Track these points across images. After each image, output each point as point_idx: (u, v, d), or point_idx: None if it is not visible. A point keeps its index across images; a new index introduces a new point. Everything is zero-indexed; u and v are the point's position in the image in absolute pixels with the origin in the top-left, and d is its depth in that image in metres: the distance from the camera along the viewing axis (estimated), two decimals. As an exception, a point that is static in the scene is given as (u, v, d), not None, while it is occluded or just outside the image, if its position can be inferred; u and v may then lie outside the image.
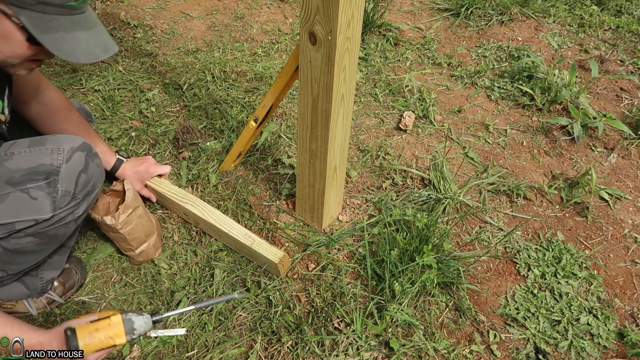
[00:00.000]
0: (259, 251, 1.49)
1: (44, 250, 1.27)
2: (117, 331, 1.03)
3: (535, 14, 3.01)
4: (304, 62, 1.27)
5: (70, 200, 1.16)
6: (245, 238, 1.53)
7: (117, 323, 1.04)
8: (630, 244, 1.77)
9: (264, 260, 1.51)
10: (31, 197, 1.10)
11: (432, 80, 2.51)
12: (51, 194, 1.12)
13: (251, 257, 1.58)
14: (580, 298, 1.56)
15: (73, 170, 1.15)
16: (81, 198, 1.20)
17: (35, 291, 1.39)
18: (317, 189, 1.57)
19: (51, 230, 1.18)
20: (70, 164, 1.15)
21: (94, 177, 1.22)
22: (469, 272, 1.63)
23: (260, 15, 2.93)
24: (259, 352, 1.38)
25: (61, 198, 1.14)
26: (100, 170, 1.25)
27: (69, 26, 0.98)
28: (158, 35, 2.68)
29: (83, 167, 1.18)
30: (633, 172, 2.06)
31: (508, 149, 2.14)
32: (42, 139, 1.16)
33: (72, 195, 1.16)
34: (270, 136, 2.06)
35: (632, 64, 2.66)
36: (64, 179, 1.13)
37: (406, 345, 1.40)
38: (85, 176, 1.18)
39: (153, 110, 2.18)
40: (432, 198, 1.83)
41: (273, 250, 1.50)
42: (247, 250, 1.55)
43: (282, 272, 1.54)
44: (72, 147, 1.16)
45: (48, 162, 1.12)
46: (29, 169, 1.10)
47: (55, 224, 1.17)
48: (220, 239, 1.64)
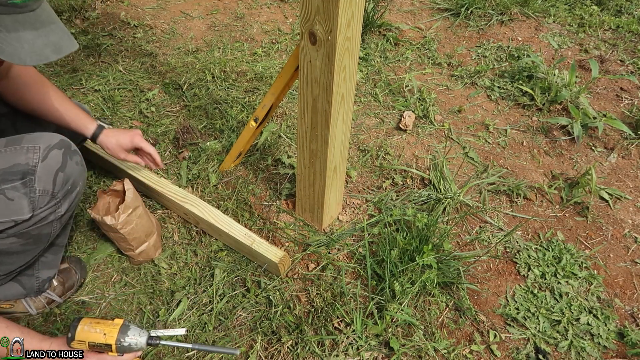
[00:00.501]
0: (259, 251, 1.50)
1: (30, 250, 1.24)
2: (112, 331, 1.05)
3: (536, 14, 3.01)
4: (304, 62, 1.27)
5: (49, 199, 1.14)
6: (245, 238, 1.53)
7: (116, 324, 1.07)
8: (630, 244, 1.77)
9: (264, 260, 1.51)
10: (7, 198, 1.07)
11: (432, 80, 2.51)
12: (28, 194, 1.09)
13: (251, 256, 1.58)
14: (580, 298, 1.56)
15: (50, 169, 1.12)
16: (61, 197, 1.17)
17: (32, 290, 1.38)
18: (317, 189, 1.57)
19: (34, 230, 1.16)
20: (46, 162, 1.12)
21: (73, 175, 1.19)
22: (469, 272, 1.63)
23: (261, 15, 2.93)
24: (259, 352, 1.38)
25: (40, 198, 1.11)
26: (80, 167, 1.22)
27: (12, 26, 0.90)
28: (158, 35, 2.68)
29: (60, 166, 1.15)
30: (633, 172, 2.06)
31: (508, 148, 2.14)
32: (19, 137, 1.13)
33: (51, 194, 1.13)
34: (271, 136, 2.06)
35: (632, 64, 2.66)
36: (41, 178, 1.11)
37: (406, 345, 1.40)
38: (64, 174, 1.15)
39: (153, 110, 2.18)
40: (432, 198, 1.83)
41: (273, 250, 1.50)
42: (247, 250, 1.55)
43: (282, 272, 1.54)
44: (48, 145, 1.13)
45: (23, 161, 1.09)
46: (3, 170, 1.08)
47: (37, 224, 1.15)
48: (220, 238, 1.64)
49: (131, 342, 1.06)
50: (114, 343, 1.05)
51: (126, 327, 1.07)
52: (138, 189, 1.78)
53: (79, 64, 2.42)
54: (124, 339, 1.06)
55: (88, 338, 1.05)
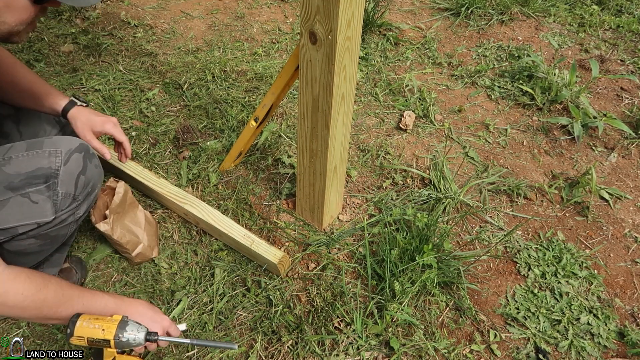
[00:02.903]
0: (258, 252, 1.50)
1: (45, 250, 1.27)
2: (111, 327, 1.06)
3: (536, 14, 3.01)
4: (304, 62, 1.27)
5: (71, 202, 1.17)
6: (244, 239, 1.53)
7: (115, 320, 1.07)
8: (630, 244, 1.77)
9: (263, 260, 1.51)
10: (32, 201, 1.10)
11: (432, 79, 2.51)
12: (52, 197, 1.12)
13: (251, 257, 1.58)
14: (581, 297, 1.56)
15: (72, 172, 1.15)
16: (82, 199, 1.20)
17: None
18: (317, 189, 1.57)
19: (53, 231, 1.19)
20: (68, 166, 1.15)
21: (93, 178, 1.22)
22: (469, 272, 1.63)
23: (261, 14, 2.93)
24: (259, 352, 1.38)
25: (62, 200, 1.14)
26: (99, 170, 1.25)
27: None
28: (158, 35, 2.68)
29: (82, 169, 1.18)
30: (633, 171, 2.06)
31: (508, 148, 2.14)
32: (39, 141, 1.16)
33: (72, 197, 1.17)
34: (271, 136, 2.06)
35: (633, 64, 2.66)
36: (64, 181, 1.14)
37: (406, 345, 1.40)
38: (85, 177, 1.19)
39: (153, 110, 2.18)
40: (432, 197, 1.83)
41: (272, 250, 1.50)
42: (246, 250, 1.55)
43: (282, 272, 1.54)
44: (69, 149, 1.16)
45: (46, 165, 1.12)
46: (27, 173, 1.10)
47: (57, 226, 1.18)
48: (220, 238, 1.64)
49: (129, 338, 1.07)
50: (112, 338, 1.05)
51: (124, 323, 1.08)
52: (137, 188, 1.78)
53: (79, 63, 2.42)
54: (122, 334, 1.06)
55: (87, 334, 1.05)
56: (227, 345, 1.14)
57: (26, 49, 2.49)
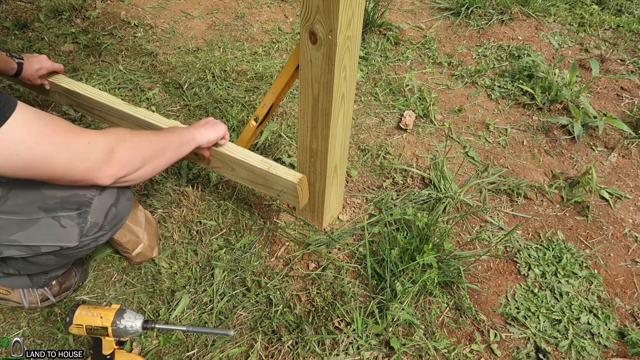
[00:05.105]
0: (277, 173, 1.42)
1: (60, 265, 1.31)
2: (109, 314, 1.09)
3: (536, 13, 3.01)
4: (304, 62, 1.27)
5: (97, 230, 1.18)
6: (261, 164, 1.46)
7: (113, 309, 1.10)
8: (630, 243, 1.77)
9: (283, 184, 1.44)
10: (61, 225, 1.11)
11: (432, 79, 2.51)
12: (80, 224, 1.13)
13: (267, 186, 1.50)
14: (581, 297, 1.56)
15: (105, 203, 1.16)
16: (108, 229, 1.21)
17: (37, 285, 1.41)
18: (317, 188, 1.57)
19: (73, 253, 1.21)
20: (102, 196, 1.15)
21: (124, 211, 1.23)
22: (470, 272, 1.63)
23: (261, 14, 2.93)
24: (260, 352, 1.38)
25: (89, 228, 1.15)
26: (130, 203, 1.25)
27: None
28: (158, 35, 2.68)
29: (114, 201, 1.18)
30: (633, 171, 2.06)
31: (508, 148, 2.14)
32: None
33: (99, 226, 1.17)
34: (271, 135, 2.06)
35: (633, 63, 2.66)
36: (95, 211, 1.14)
37: (407, 345, 1.40)
38: (115, 210, 1.19)
39: (153, 110, 2.18)
40: (432, 197, 1.83)
41: (291, 172, 1.44)
42: (263, 178, 1.47)
43: (300, 199, 1.46)
44: None
45: (82, 192, 1.12)
46: (62, 197, 1.11)
47: (79, 249, 1.19)
48: (232, 173, 1.56)
49: (127, 325, 1.09)
50: (110, 325, 1.08)
51: (122, 311, 1.10)
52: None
53: (79, 63, 2.42)
54: (120, 321, 1.08)
55: (85, 322, 1.08)
56: (223, 331, 1.15)
57: (26, 48, 2.50)
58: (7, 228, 1.10)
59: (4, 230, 1.10)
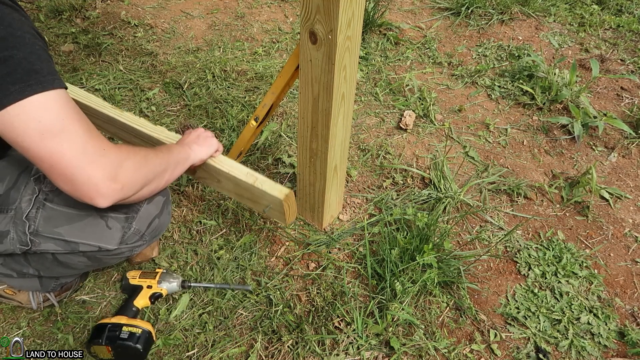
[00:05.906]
0: (263, 188, 1.31)
1: (86, 270, 1.30)
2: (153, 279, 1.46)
3: (536, 13, 3.01)
4: (304, 62, 1.27)
5: (137, 239, 1.18)
6: (247, 177, 1.35)
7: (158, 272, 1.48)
8: (630, 243, 1.77)
9: (268, 200, 1.34)
10: (107, 226, 1.11)
11: (432, 79, 2.51)
12: (125, 228, 1.13)
13: (253, 200, 1.41)
14: (581, 297, 1.56)
15: (151, 212, 1.17)
16: (147, 240, 1.21)
17: (46, 289, 1.40)
18: (317, 188, 1.57)
19: (106, 258, 1.20)
20: (150, 206, 1.16)
21: (164, 224, 1.24)
22: (470, 272, 1.63)
23: (261, 14, 2.93)
24: (260, 352, 1.38)
25: (131, 235, 1.15)
26: (169, 217, 1.26)
27: None
28: (158, 35, 2.68)
29: (159, 212, 1.19)
30: (633, 171, 2.06)
31: (508, 148, 2.14)
32: None
33: (140, 235, 1.17)
34: (271, 135, 2.06)
35: (633, 63, 2.66)
36: (142, 218, 1.15)
37: (407, 345, 1.40)
38: (158, 222, 1.20)
39: (153, 110, 2.18)
40: (432, 197, 1.83)
41: (278, 187, 1.32)
42: (249, 192, 1.37)
43: (287, 216, 1.35)
44: None
45: None
46: None
47: (113, 255, 1.18)
48: (219, 185, 1.47)
49: (169, 286, 1.45)
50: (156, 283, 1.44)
51: (165, 274, 1.47)
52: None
53: (80, 63, 2.42)
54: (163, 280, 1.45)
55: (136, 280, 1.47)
56: (244, 287, 1.50)
57: (26, 48, 2.49)
58: (55, 219, 1.09)
59: (51, 220, 1.09)
